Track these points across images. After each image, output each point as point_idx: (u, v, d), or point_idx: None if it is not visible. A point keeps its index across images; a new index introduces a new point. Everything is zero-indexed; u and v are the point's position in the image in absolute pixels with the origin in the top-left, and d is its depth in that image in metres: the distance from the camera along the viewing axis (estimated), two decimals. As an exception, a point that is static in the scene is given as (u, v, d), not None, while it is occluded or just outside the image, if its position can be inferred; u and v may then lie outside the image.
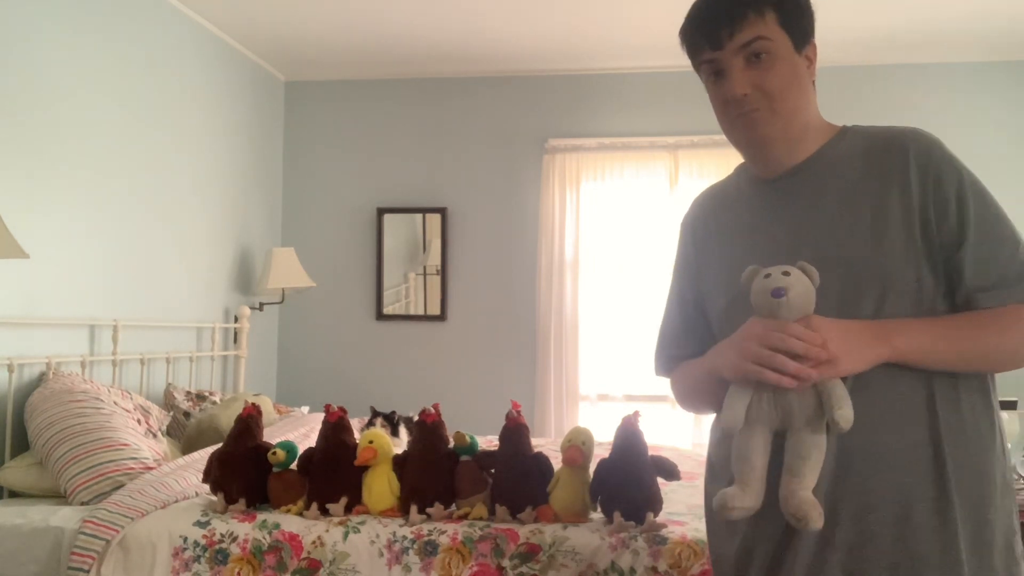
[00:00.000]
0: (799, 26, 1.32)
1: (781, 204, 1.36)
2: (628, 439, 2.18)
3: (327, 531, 2.18)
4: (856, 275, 1.26)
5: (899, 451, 1.22)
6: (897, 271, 1.25)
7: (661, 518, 2.13)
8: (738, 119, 1.33)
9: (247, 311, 4.44)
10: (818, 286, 1.22)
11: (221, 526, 2.23)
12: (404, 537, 2.15)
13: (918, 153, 1.28)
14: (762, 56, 1.29)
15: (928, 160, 1.27)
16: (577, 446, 2.18)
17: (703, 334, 1.47)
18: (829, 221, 1.30)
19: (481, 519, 2.21)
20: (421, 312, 4.95)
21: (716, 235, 1.46)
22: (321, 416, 2.49)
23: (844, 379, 1.20)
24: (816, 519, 1.16)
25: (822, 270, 1.24)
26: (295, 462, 2.34)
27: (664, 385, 1.58)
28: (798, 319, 1.20)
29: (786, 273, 1.21)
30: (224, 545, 2.20)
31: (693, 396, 1.46)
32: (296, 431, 3.23)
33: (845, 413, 1.16)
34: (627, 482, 2.14)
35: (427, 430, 2.31)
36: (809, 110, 1.35)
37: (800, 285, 1.20)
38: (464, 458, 2.27)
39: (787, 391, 1.19)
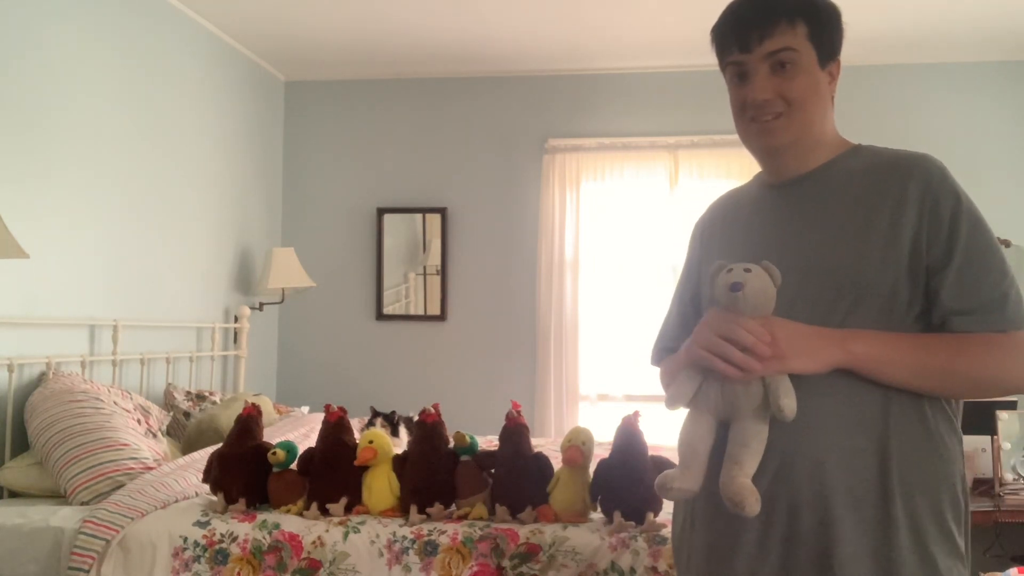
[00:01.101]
0: (827, 42, 1.36)
1: (779, 209, 1.39)
2: (628, 439, 2.18)
3: (327, 531, 2.18)
4: (832, 283, 1.28)
5: (841, 457, 1.24)
6: (871, 283, 1.27)
7: (661, 518, 2.13)
8: (753, 124, 1.37)
9: (247, 311, 4.44)
10: (779, 286, 1.25)
11: (221, 526, 2.23)
12: (404, 537, 2.15)
13: (920, 177, 1.30)
14: (787, 66, 1.33)
15: (929, 185, 1.30)
16: (577, 446, 2.19)
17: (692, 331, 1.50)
18: (818, 229, 1.33)
19: (481, 519, 2.21)
20: (421, 312, 4.95)
21: (720, 235, 1.50)
22: (321, 416, 2.49)
23: (805, 379, 1.23)
24: (752, 505, 1.20)
25: (801, 275, 1.28)
26: (295, 462, 2.34)
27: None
28: (756, 317, 1.24)
29: (747, 270, 1.25)
30: (224, 545, 2.20)
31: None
32: (296, 431, 3.23)
33: (789, 403, 1.20)
34: (627, 482, 2.14)
35: (427, 430, 2.31)
36: (825, 124, 1.39)
37: (758, 282, 1.24)
38: (464, 458, 2.27)
39: (734, 380, 1.23)
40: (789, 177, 1.40)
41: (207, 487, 2.41)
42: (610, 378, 4.71)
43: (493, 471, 2.27)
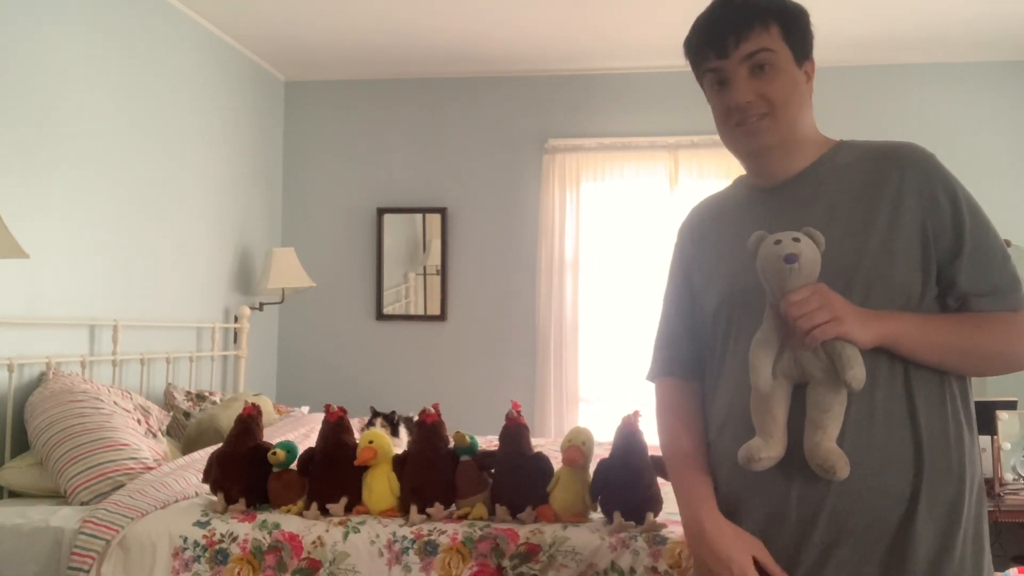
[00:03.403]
0: (800, 42, 1.37)
1: (774, 212, 1.39)
2: (628, 439, 2.17)
3: (327, 531, 2.18)
4: (841, 279, 1.28)
5: (880, 454, 1.25)
6: (880, 275, 1.28)
7: (661, 518, 2.13)
8: (738, 128, 1.37)
9: (247, 311, 4.44)
10: (823, 251, 1.25)
11: (221, 526, 2.23)
12: (404, 537, 2.15)
13: (914, 168, 1.32)
14: (765, 67, 1.34)
15: (924, 175, 1.32)
16: (577, 446, 2.18)
17: (695, 336, 1.50)
18: (819, 228, 1.32)
19: (481, 519, 2.21)
20: (421, 312, 4.95)
21: (711, 240, 1.49)
22: (321, 416, 2.49)
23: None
24: (843, 468, 1.20)
25: None
26: (295, 462, 2.34)
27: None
28: (804, 286, 1.23)
29: (796, 239, 1.24)
30: (224, 545, 2.20)
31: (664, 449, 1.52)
32: (296, 431, 3.23)
33: (856, 373, 1.19)
34: (627, 482, 2.14)
35: (427, 430, 2.30)
36: (807, 123, 1.40)
37: (809, 251, 1.23)
38: (464, 458, 2.27)
39: (804, 351, 1.23)
40: (779, 179, 1.40)
41: (207, 487, 2.41)
42: (610, 378, 4.71)
43: (493, 471, 2.27)
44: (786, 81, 1.35)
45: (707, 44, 1.37)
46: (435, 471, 2.26)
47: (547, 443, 3.47)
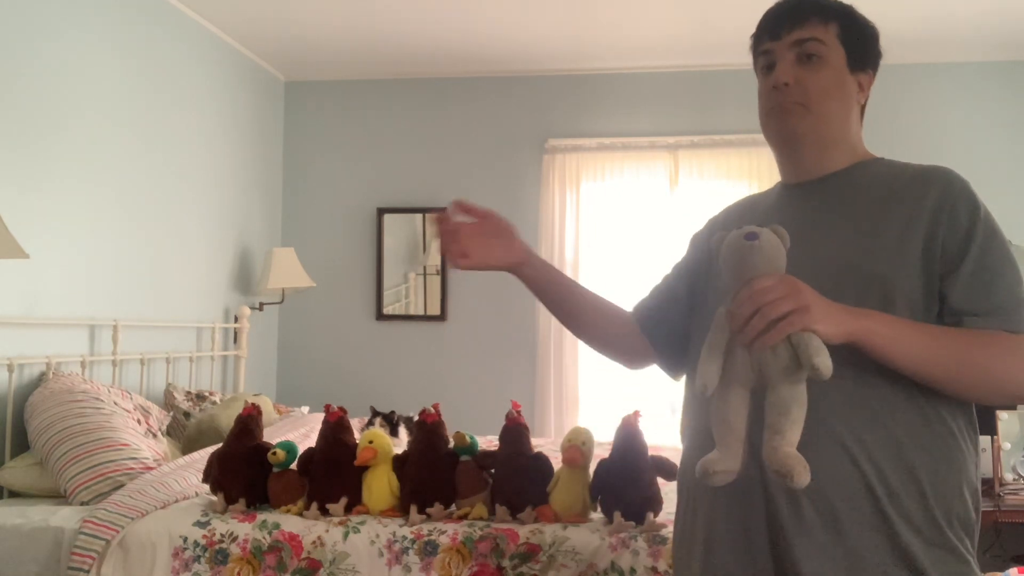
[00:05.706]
0: (858, 48, 1.38)
1: (796, 208, 1.40)
2: (628, 439, 2.18)
3: (327, 531, 2.18)
4: (842, 280, 1.27)
5: (845, 450, 1.22)
6: (879, 277, 1.26)
7: (661, 518, 2.13)
8: (772, 110, 1.38)
9: (247, 311, 4.44)
10: (788, 248, 1.20)
11: (221, 526, 2.23)
12: (404, 537, 2.15)
13: (940, 186, 1.31)
14: (813, 58, 1.36)
15: (948, 194, 1.30)
16: (577, 446, 2.19)
17: (674, 302, 1.62)
18: (834, 228, 1.33)
19: (481, 519, 2.21)
20: (421, 312, 4.95)
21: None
22: (321, 416, 2.49)
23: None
24: (801, 474, 1.13)
25: (812, 271, 1.24)
26: (295, 462, 2.34)
27: (664, 386, 1.61)
28: (771, 274, 1.18)
29: (759, 227, 1.22)
30: (224, 545, 2.20)
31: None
32: (296, 431, 3.24)
33: (824, 360, 1.12)
34: (627, 482, 2.14)
35: (427, 430, 2.31)
36: (848, 128, 1.40)
37: (771, 237, 1.20)
38: (464, 458, 2.27)
39: (763, 348, 1.16)
40: (807, 176, 1.40)
41: (207, 487, 2.41)
42: (610, 378, 4.71)
43: (493, 471, 2.27)
44: (830, 76, 1.35)
45: (764, 29, 1.40)
46: (435, 471, 2.26)
47: (547, 443, 3.47)
